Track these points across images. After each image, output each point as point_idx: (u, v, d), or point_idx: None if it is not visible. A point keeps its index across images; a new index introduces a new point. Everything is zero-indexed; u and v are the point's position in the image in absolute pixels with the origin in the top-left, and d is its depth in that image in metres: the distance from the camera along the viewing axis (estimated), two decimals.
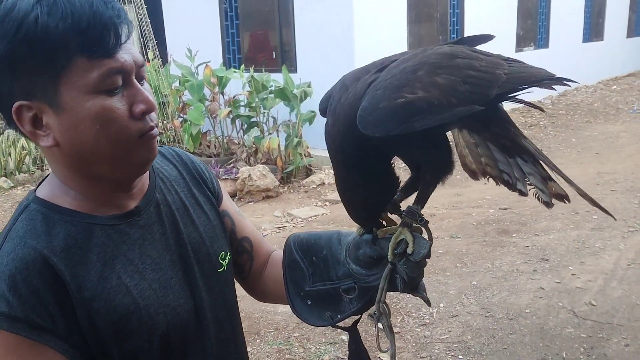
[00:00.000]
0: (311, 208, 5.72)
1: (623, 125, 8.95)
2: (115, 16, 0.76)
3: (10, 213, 6.12)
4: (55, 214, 0.82)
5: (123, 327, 0.82)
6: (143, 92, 0.81)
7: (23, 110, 0.78)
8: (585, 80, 12.33)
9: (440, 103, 0.77)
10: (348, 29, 7.13)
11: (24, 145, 7.53)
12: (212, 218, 1.00)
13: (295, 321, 3.36)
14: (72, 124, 0.77)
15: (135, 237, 0.87)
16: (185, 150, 1.10)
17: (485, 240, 4.47)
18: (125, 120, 0.79)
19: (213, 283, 0.96)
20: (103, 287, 0.81)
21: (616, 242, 4.26)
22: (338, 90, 0.91)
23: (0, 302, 0.75)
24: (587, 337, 3.05)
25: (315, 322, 1.00)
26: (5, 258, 0.77)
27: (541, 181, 0.91)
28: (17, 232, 0.80)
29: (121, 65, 0.77)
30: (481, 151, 0.92)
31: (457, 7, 8.84)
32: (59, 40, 0.73)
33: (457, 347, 3.05)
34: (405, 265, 0.86)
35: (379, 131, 0.77)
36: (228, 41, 8.59)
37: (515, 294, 3.58)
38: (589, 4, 12.44)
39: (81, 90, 0.76)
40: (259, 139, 6.67)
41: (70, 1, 0.74)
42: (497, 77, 0.82)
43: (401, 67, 0.81)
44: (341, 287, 0.96)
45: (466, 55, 0.84)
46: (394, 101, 0.76)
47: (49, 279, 0.77)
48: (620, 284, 3.60)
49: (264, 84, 6.78)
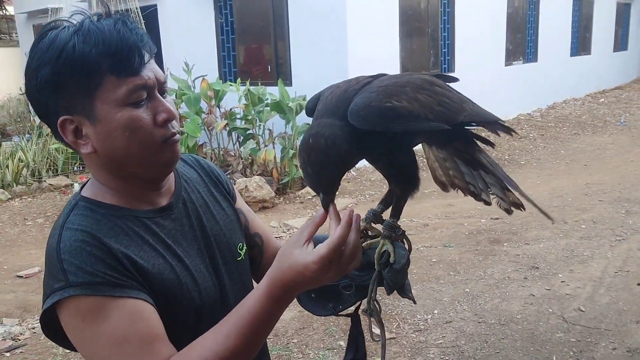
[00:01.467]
0: (307, 218, 5.82)
1: (611, 137, 9.16)
2: (139, 40, 0.90)
3: (8, 224, 6.17)
4: (100, 208, 0.95)
5: (171, 298, 0.94)
6: (165, 103, 0.94)
7: (66, 124, 0.92)
8: (574, 93, 12.59)
9: (418, 114, 0.92)
10: (342, 43, 7.29)
11: (21, 158, 7.59)
12: (230, 214, 1.13)
13: (294, 327, 3.45)
14: (106, 133, 0.91)
15: (169, 228, 1.00)
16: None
17: (477, 249, 4.58)
18: (150, 128, 0.92)
19: (233, 270, 1.09)
20: (154, 263, 0.94)
21: (604, 250, 4.39)
22: (329, 91, 1.03)
23: (78, 275, 0.85)
24: (577, 342, 3.16)
25: (319, 312, 1.15)
26: (68, 242, 0.88)
27: (501, 190, 1.05)
28: (72, 223, 0.92)
29: (145, 82, 0.91)
30: (449, 165, 1.08)
31: (448, 22, 9.04)
32: (93, 62, 0.87)
33: (451, 352, 3.15)
34: (390, 273, 1.00)
35: (365, 125, 0.91)
36: (224, 55, 8.72)
37: (506, 300, 3.69)
38: (577, 18, 12.72)
39: (112, 104, 0.89)
40: (255, 151, 6.78)
41: (101, 30, 0.88)
42: (464, 109, 0.99)
43: (392, 81, 0.96)
44: (340, 285, 1.10)
45: (442, 86, 1.00)
46: (383, 104, 0.91)
47: (109, 251, 0.89)
48: (608, 291, 3.72)
49: (260, 97, 6.91)
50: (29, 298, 4.16)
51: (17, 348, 3.42)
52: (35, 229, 6.03)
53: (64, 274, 0.85)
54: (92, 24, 0.89)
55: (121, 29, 0.89)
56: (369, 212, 1.07)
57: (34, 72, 0.89)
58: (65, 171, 7.82)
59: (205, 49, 8.63)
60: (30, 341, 3.51)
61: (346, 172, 1.00)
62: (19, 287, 4.47)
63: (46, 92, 0.90)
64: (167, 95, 0.97)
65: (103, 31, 0.88)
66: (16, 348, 3.41)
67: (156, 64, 0.97)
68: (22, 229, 6.03)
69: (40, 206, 6.78)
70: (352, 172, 7.39)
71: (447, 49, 9.13)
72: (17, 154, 7.65)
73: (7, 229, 6.06)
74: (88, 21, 0.90)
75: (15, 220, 6.32)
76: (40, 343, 3.46)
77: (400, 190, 1.04)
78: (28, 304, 4.06)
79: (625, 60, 15.05)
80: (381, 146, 0.98)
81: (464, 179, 1.06)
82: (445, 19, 8.98)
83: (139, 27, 0.93)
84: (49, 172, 7.74)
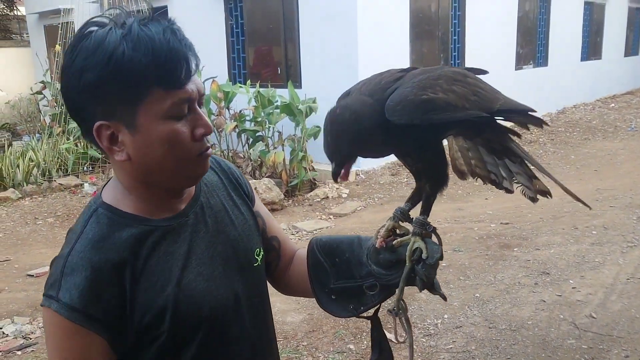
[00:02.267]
0: (316, 221, 5.82)
1: (621, 143, 9.10)
2: (188, 51, 0.89)
3: (19, 223, 6.22)
4: (119, 217, 0.95)
5: (174, 313, 0.94)
6: (203, 117, 0.94)
7: (102, 129, 0.90)
8: (584, 98, 12.52)
9: (456, 104, 0.94)
10: (352, 46, 7.29)
11: (31, 157, 7.64)
12: (248, 218, 1.12)
13: (303, 330, 3.44)
14: (145, 144, 0.90)
15: (184, 235, 0.99)
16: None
17: (487, 254, 4.56)
18: (188, 142, 0.92)
19: (249, 276, 1.08)
20: (157, 279, 0.94)
21: (615, 257, 4.36)
22: (363, 81, 1.04)
23: (65, 293, 0.88)
24: (588, 349, 3.14)
25: (340, 313, 1.13)
26: (76, 257, 0.90)
27: (527, 179, 1.06)
28: (87, 234, 0.93)
29: (189, 95, 0.90)
30: (472, 154, 1.09)
31: (458, 25, 9.02)
32: (142, 72, 0.85)
33: (461, 357, 3.14)
34: (424, 268, 0.99)
35: (403, 118, 0.92)
36: (234, 57, 8.75)
37: (517, 306, 3.67)
38: (587, 23, 12.66)
39: (155, 116, 0.88)
40: (264, 153, 6.79)
41: (150, 38, 0.86)
42: (498, 98, 1.00)
43: (425, 75, 0.97)
44: (364, 285, 1.09)
45: (474, 77, 1.02)
46: (419, 97, 0.92)
47: (109, 283, 0.90)
48: (620, 298, 3.70)
49: (269, 99, 6.92)
50: (40, 297, 4.15)
51: (28, 347, 3.44)
52: (45, 229, 6.06)
53: (58, 287, 0.89)
54: (141, 29, 0.86)
55: (170, 38, 0.87)
56: (397, 211, 1.07)
57: (77, 73, 0.86)
58: (75, 171, 7.86)
59: (215, 51, 8.66)
60: (40, 340, 3.53)
61: (365, 152, 1.00)
62: (29, 286, 4.50)
63: (87, 95, 0.87)
64: (203, 107, 0.97)
65: (153, 39, 0.85)
66: (27, 347, 3.43)
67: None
68: (33, 228, 6.07)
69: (50, 205, 6.82)
70: (361, 175, 7.38)
71: (457, 53, 9.11)
72: (28, 153, 7.71)
73: (18, 228, 6.10)
74: (136, 25, 0.86)
75: (26, 219, 6.36)
76: None
77: (429, 187, 1.04)
78: (39, 303, 4.06)
79: (636, 65, 14.96)
80: (413, 140, 0.98)
81: (486, 168, 1.07)
82: (456, 22, 8.96)
83: (186, 37, 0.91)
84: (59, 171, 7.79)
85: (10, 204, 6.89)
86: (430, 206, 1.05)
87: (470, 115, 0.94)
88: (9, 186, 7.26)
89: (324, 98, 7.13)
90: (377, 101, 0.94)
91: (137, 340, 0.93)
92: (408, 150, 1.03)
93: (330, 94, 7.85)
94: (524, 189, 1.06)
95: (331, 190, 6.72)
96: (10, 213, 6.58)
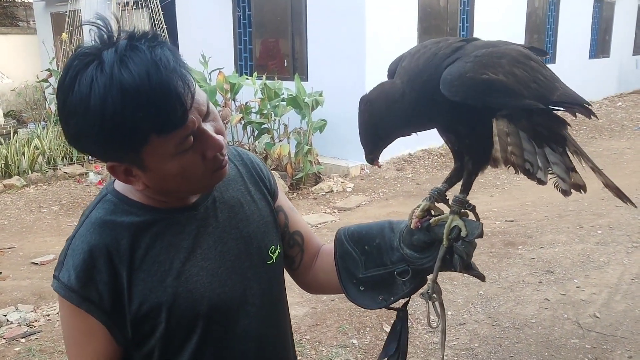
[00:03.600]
0: (320, 215, 5.82)
1: (628, 142, 9.05)
2: (178, 82, 0.83)
3: (24, 211, 6.24)
4: (124, 205, 0.97)
5: (171, 305, 0.95)
6: (211, 137, 0.90)
7: (115, 168, 0.91)
8: (591, 96, 12.45)
9: (514, 90, 0.90)
10: (360, 40, 7.26)
11: (37, 145, 7.66)
12: (266, 214, 1.10)
13: (307, 324, 3.45)
14: (158, 179, 0.91)
15: (190, 228, 0.99)
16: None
17: (491, 251, 4.55)
18: (201, 167, 0.91)
19: (261, 274, 1.06)
20: (157, 269, 0.95)
21: (620, 257, 4.35)
22: (416, 49, 1.00)
23: (64, 273, 0.93)
24: (592, 348, 3.13)
25: (369, 305, 1.10)
26: (79, 240, 0.94)
27: (565, 170, 1.00)
28: (91, 218, 0.96)
29: (190, 129, 0.87)
30: (511, 140, 1.01)
31: (467, 20, 8.97)
32: (135, 128, 0.83)
33: (464, 354, 3.14)
34: (463, 245, 0.97)
35: (457, 96, 0.89)
36: (240, 48, 8.72)
37: (521, 304, 3.66)
38: (596, 21, 12.57)
39: (161, 158, 0.88)
40: (269, 145, 6.78)
41: (135, 88, 0.80)
42: (557, 87, 0.96)
43: (488, 50, 0.93)
44: (395, 271, 1.06)
45: (538, 61, 0.97)
46: (478, 75, 0.88)
47: (105, 267, 0.93)
48: (624, 298, 3.69)
49: (276, 92, 6.90)
50: (44, 285, 4.20)
51: (33, 334, 3.45)
52: (50, 217, 6.08)
53: (61, 267, 0.94)
54: (121, 74, 0.80)
55: (155, 78, 0.81)
56: (433, 191, 1.04)
57: (74, 138, 0.87)
58: (80, 160, 7.88)
59: (222, 42, 8.63)
60: (45, 328, 3.54)
61: (403, 134, 0.99)
62: (34, 273, 4.51)
63: (90, 150, 0.90)
64: (212, 111, 0.93)
65: (137, 88, 0.80)
66: (31, 334, 3.45)
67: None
68: (38, 216, 6.09)
69: (55, 194, 6.84)
70: (366, 170, 7.37)
71: None
72: (33, 141, 7.72)
73: (23, 215, 6.12)
74: (117, 69, 0.81)
75: (30, 207, 6.38)
76: (55, 330, 3.49)
77: (472, 164, 1.00)
78: (43, 291, 4.10)
79: None
80: (463, 117, 0.95)
81: (522, 156, 1.00)
82: (464, 18, 8.91)
83: (174, 62, 0.84)
84: (64, 160, 7.80)
85: (15, 191, 6.91)
86: (471, 184, 1.01)
87: (526, 106, 0.91)
88: (14, 174, 7.28)
89: (331, 91, 7.11)
90: (424, 83, 0.91)
91: (135, 331, 0.94)
92: (455, 126, 0.99)
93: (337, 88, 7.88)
94: (557, 181, 0.99)
95: (336, 184, 6.71)
96: (15, 200, 6.60)
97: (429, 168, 7.70)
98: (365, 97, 0.94)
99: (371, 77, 7.02)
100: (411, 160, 7.84)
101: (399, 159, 7.74)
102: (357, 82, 7.15)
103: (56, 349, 3.25)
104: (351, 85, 7.17)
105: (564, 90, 0.97)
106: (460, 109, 0.92)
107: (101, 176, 7.34)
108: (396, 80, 0.96)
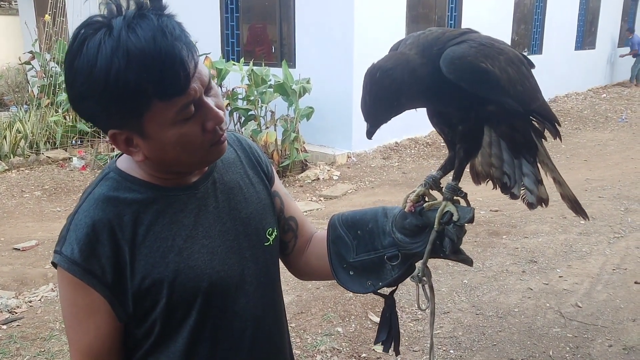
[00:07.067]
0: (306, 203, 5.81)
1: (611, 134, 9.16)
2: (183, 51, 0.86)
3: (5, 195, 6.14)
4: (127, 182, 0.98)
5: (173, 281, 0.96)
6: (212, 109, 0.93)
7: (117, 136, 0.93)
8: (576, 87, 12.55)
9: (503, 86, 0.95)
10: (348, 27, 7.21)
11: (19, 129, 7.52)
12: (263, 197, 1.12)
13: (292, 312, 3.45)
14: (157, 148, 0.92)
15: (191, 207, 1.01)
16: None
17: (476, 240, 4.59)
18: (200, 138, 0.93)
19: (259, 254, 1.08)
20: (159, 245, 0.96)
21: (602, 247, 4.41)
22: (423, 31, 1.02)
23: (67, 247, 0.94)
24: (573, 337, 3.18)
25: (358, 289, 1.12)
26: (82, 215, 0.95)
27: (534, 182, 1.06)
28: (94, 194, 0.97)
29: (192, 98, 0.89)
30: (493, 151, 1.08)
31: (455, 10, 8.95)
32: (139, 90, 0.85)
33: (448, 342, 3.17)
34: (455, 228, 0.99)
35: (453, 74, 0.93)
36: (227, 33, 8.62)
37: (504, 293, 3.70)
38: (583, 12, 12.63)
39: (162, 124, 0.89)
40: (256, 132, 6.74)
41: (141, 50, 0.83)
42: (538, 98, 1.02)
43: (490, 41, 0.98)
44: (385, 255, 1.08)
45: (527, 68, 1.02)
46: (478, 62, 0.93)
47: (108, 241, 0.94)
48: (606, 288, 3.74)
49: (263, 78, 6.85)
50: (26, 271, 4.15)
51: (14, 321, 3.41)
52: (32, 202, 6.00)
53: (63, 242, 0.95)
54: (129, 38, 0.83)
55: (161, 44, 0.84)
56: (428, 178, 1.07)
57: (79, 98, 0.89)
58: (63, 144, 7.76)
59: (209, 27, 8.52)
60: (27, 314, 3.50)
61: (403, 110, 1.00)
62: (15, 259, 4.45)
63: (93, 112, 0.91)
64: (213, 87, 0.95)
65: (143, 51, 0.83)
66: (13, 321, 3.41)
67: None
68: (20, 201, 6.00)
69: (38, 179, 6.74)
70: (352, 158, 7.37)
71: None
72: (15, 125, 7.58)
73: (5, 200, 6.02)
74: (124, 33, 0.84)
75: (12, 192, 6.28)
76: (37, 317, 3.46)
77: (463, 152, 1.04)
78: (25, 277, 4.05)
79: (629, 56, 14.97)
80: (461, 100, 0.98)
81: (502, 169, 1.07)
82: (453, 7, 8.89)
83: (179, 30, 0.88)
84: (47, 144, 7.68)
85: None
86: (462, 171, 1.05)
87: (508, 104, 0.97)
88: None
89: (318, 78, 7.07)
90: (433, 57, 0.94)
91: (136, 306, 0.96)
92: (452, 109, 1.02)
93: (324, 75, 7.81)
94: (525, 193, 1.05)
95: (322, 172, 6.70)
96: None
97: (415, 157, 7.72)
98: (378, 65, 0.94)
99: (359, 65, 6.98)
100: (397, 149, 7.85)
101: (386, 147, 7.74)
102: (344, 69, 7.12)
103: (38, 336, 3.22)
104: (339, 72, 7.14)
105: (543, 103, 1.03)
106: (458, 93, 0.95)
107: (85, 161, 7.24)
108: (406, 51, 0.98)
